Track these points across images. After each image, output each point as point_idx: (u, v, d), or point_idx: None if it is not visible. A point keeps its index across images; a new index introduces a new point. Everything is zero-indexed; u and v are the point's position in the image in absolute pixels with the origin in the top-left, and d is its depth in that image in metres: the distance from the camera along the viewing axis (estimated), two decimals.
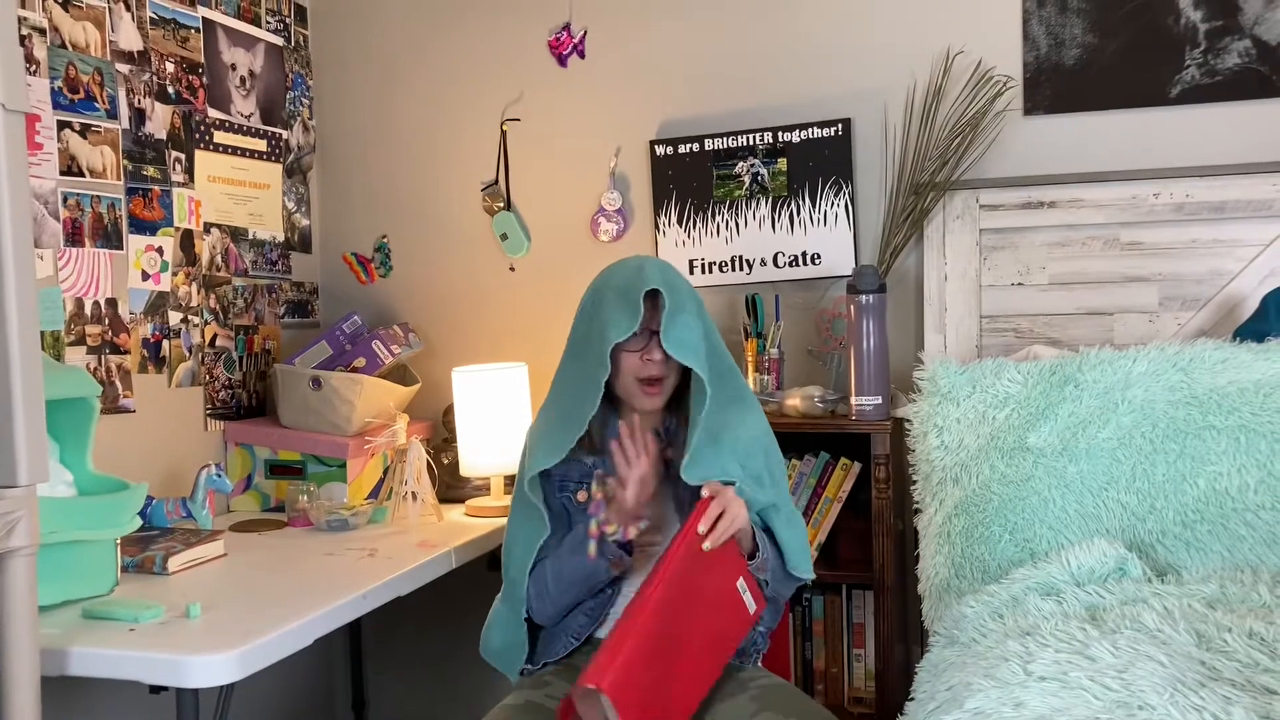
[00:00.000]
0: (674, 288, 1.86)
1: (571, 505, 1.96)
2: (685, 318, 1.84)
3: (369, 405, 2.63)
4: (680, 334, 1.82)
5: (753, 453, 1.91)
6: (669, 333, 1.81)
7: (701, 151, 2.76)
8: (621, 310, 1.84)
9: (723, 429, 1.86)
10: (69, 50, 2.29)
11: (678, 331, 1.82)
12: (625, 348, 1.87)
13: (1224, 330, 2.36)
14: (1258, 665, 1.49)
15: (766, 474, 1.92)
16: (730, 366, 1.94)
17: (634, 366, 1.89)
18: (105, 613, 1.79)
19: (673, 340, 1.81)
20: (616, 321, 1.83)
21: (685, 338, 1.82)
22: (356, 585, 1.98)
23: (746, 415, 1.94)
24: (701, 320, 1.89)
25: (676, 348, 1.81)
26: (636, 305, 1.82)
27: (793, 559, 1.92)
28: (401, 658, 3.10)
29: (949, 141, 2.55)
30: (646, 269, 1.87)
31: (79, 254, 2.32)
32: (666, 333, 1.81)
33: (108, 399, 2.37)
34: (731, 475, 1.83)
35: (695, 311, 1.88)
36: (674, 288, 1.86)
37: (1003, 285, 2.55)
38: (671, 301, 1.82)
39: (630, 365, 1.89)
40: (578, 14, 2.88)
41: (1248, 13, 2.43)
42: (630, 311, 1.82)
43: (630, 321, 1.82)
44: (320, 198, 3.13)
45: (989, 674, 1.53)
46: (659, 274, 1.86)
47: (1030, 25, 2.55)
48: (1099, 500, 2.05)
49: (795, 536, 1.94)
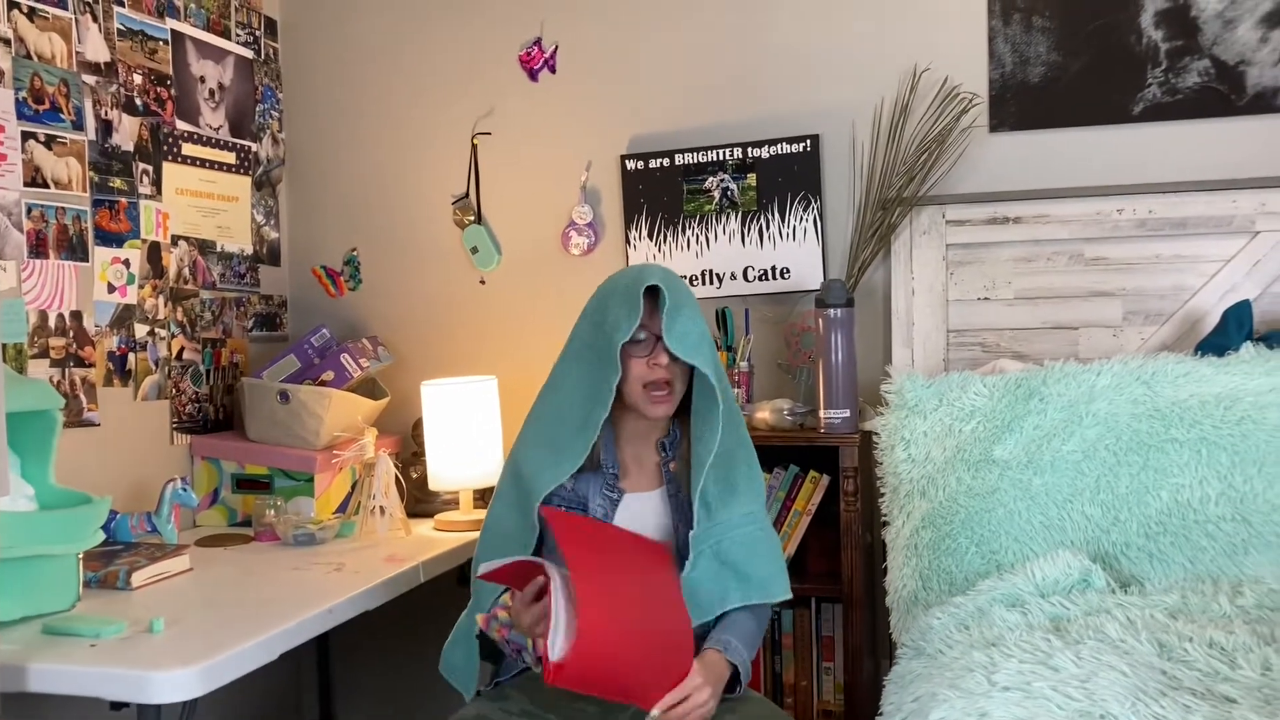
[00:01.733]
0: (674, 287, 1.84)
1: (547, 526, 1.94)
2: (688, 314, 1.82)
3: (337, 419, 2.61)
4: (683, 329, 1.80)
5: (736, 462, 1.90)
6: (671, 329, 1.79)
7: (672, 166, 2.78)
8: (623, 308, 1.82)
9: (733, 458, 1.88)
10: (34, 61, 2.27)
11: (680, 327, 1.80)
12: (632, 353, 1.84)
13: (1187, 344, 2.39)
14: (1218, 674, 1.51)
15: (745, 483, 1.92)
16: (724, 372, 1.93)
17: (641, 372, 1.84)
18: (66, 628, 1.77)
19: (675, 336, 1.79)
20: (618, 321, 1.82)
21: (688, 333, 1.80)
22: (323, 600, 1.96)
23: (741, 428, 1.95)
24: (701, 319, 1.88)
25: (679, 343, 1.79)
26: (637, 301, 1.81)
27: (768, 588, 1.90)
28: (370, 672, 3.08)
29: (916, 157, 2.58)
30: (648, 270, 1.87)
31: (43, 266, 2.30)
32: (669, 329, 1.79)
33: (72, 412, 2.34)
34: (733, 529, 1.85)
35: (698, 309, 1.87)
36: (674, 287, 1.84)
37: (969, 300, 2.58)
38: (672, 299, 1.80)
39: (637, 371, 1.85)
40: (549, 29, 2.89)
41: (1207, 33, 2.47)
42: (631, 308, 1.81)
43: (631, 318, 1.80)
44: (290, 210, 3.12)
45: (954, 685, 1.54)
46: (660, 273, 1.85)
47: (996, 43, 2.58)
48: (1064, 512, 2.07)
49: (766, 561, 1.92)
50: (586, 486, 1.90)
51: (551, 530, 1.70)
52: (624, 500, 1.91)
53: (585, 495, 1.90)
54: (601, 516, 1.89)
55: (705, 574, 1.85)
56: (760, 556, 1.91)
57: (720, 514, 1.87)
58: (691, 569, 1.83)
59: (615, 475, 1.91)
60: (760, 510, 1.95)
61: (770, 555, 1.93)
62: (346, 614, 2.00)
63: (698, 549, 1.84)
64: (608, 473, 1.91)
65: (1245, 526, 1.98)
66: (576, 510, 1.89)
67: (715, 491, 1.87)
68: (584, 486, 1.90)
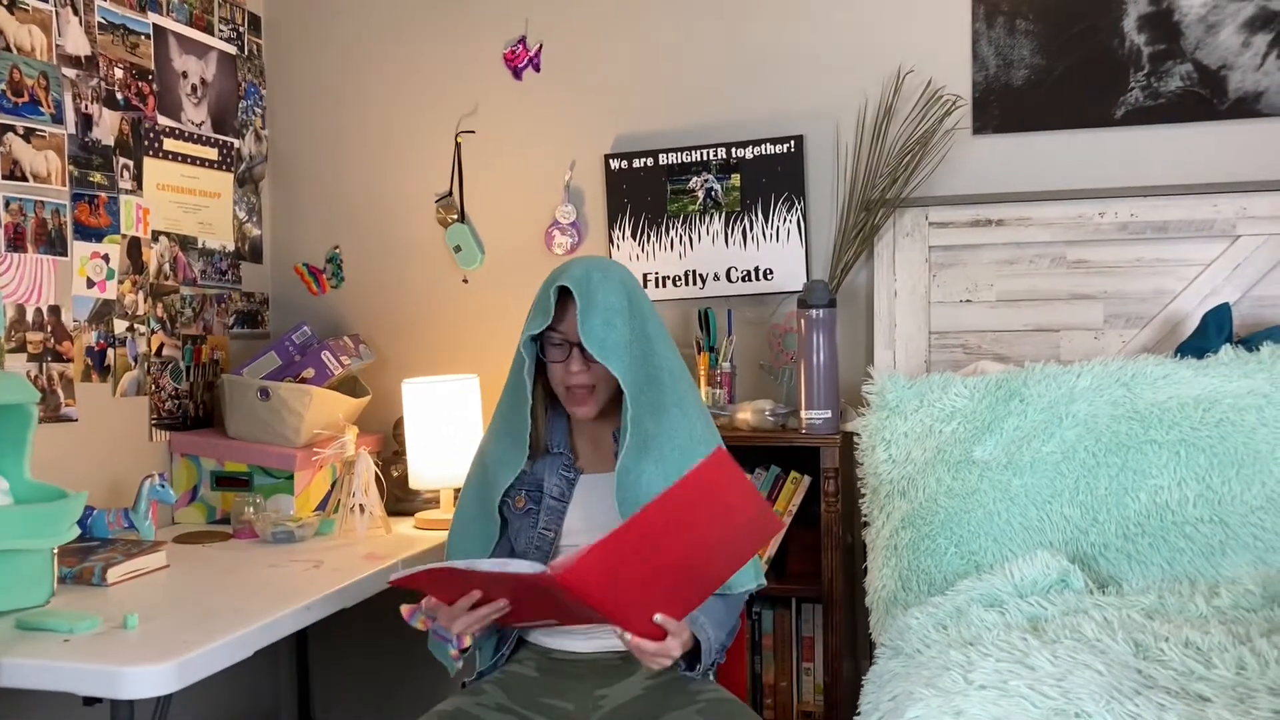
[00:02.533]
0: (590, 285, 1.81)
1: (509, 510, 1.95)
2: (603, 317, 1.80)
3: (318, 417, 2.60)
4: (599, 333, 1.79)
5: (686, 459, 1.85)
6: (585, 330, 1.79)
7: (656, 166, 2.78)
8: (538, 307, 1.86)
9: (649, 439, 1.83)
10: (13, 53, 2.26)
11: (595, 330, 1.79)
12: (550, 358, 1.88)
13: (1167, 347, 2.40)
14: (1192, 674, 1.51)
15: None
16: (664, 370, 1.88)
17: (560, 375, 1.89)
18: (39, 623, 1.76)
19: (591, 338, 1.79)
20: (534, 317, 1.86)
21: (605, 337, 1.79)
22: (300, 597, 1.95)
23: (680, 421, 1.88)
24: (632, 321, 1.84)
25: (595, 345, 1.79)
26: (548, 302, 1.83)
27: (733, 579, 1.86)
28: (349, 670, 3.06)
29: (899, 159, 2.58)
30: (571, 268, 1.85)
31: (21, 260, 2.28)
32: (584, 330, 1.79)
33: (49, 407, 2.33)
34: (655, 490, 1.77)
35: (620, 309, 1.83)
36: (590, 285, 1.81)
37: (951, 302, 2.58)
38: (583, 301, 1.80)
39: (557, 374, 1.89)
40: (533, 27, 2.89)
41: (1189, 38, 2.48)
42: (543, 309, 1.83)
43: (541, 319, 1.83)
44: (272, 207, 3.11)
45: (931, 683, 1.54)
46: (581, 271, 1.83)
47: (979, 46, 2.59)
48: (1043, 513, 2.07)
49: None
50: (544, 468, 1.94)
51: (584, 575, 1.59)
52: (580, 480, 1.94)
53: (541, 476, 1.93)
54: (558, 495, 1.92)
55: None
56: None
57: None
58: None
59: (570, 459, 1.95)
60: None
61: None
62: (324, 611, 1.99)
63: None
64: (564, 456, 1.94)
65: (1223, 528, 1.98)
66: (533, 492, 1.92)
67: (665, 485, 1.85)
68: (541, 468, 1.94)
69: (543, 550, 1.89)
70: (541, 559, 1.85)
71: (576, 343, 1.84)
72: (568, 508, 1.92)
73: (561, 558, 1.54)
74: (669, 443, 1.85)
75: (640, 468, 1.82)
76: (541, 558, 1.86)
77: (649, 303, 1.94)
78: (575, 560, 1.48)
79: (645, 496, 1.75)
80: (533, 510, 1.93)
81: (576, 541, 1.87)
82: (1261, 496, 1.99)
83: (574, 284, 1.82)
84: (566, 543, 1.90)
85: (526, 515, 1.93)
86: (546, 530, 1.91)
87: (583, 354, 1.84)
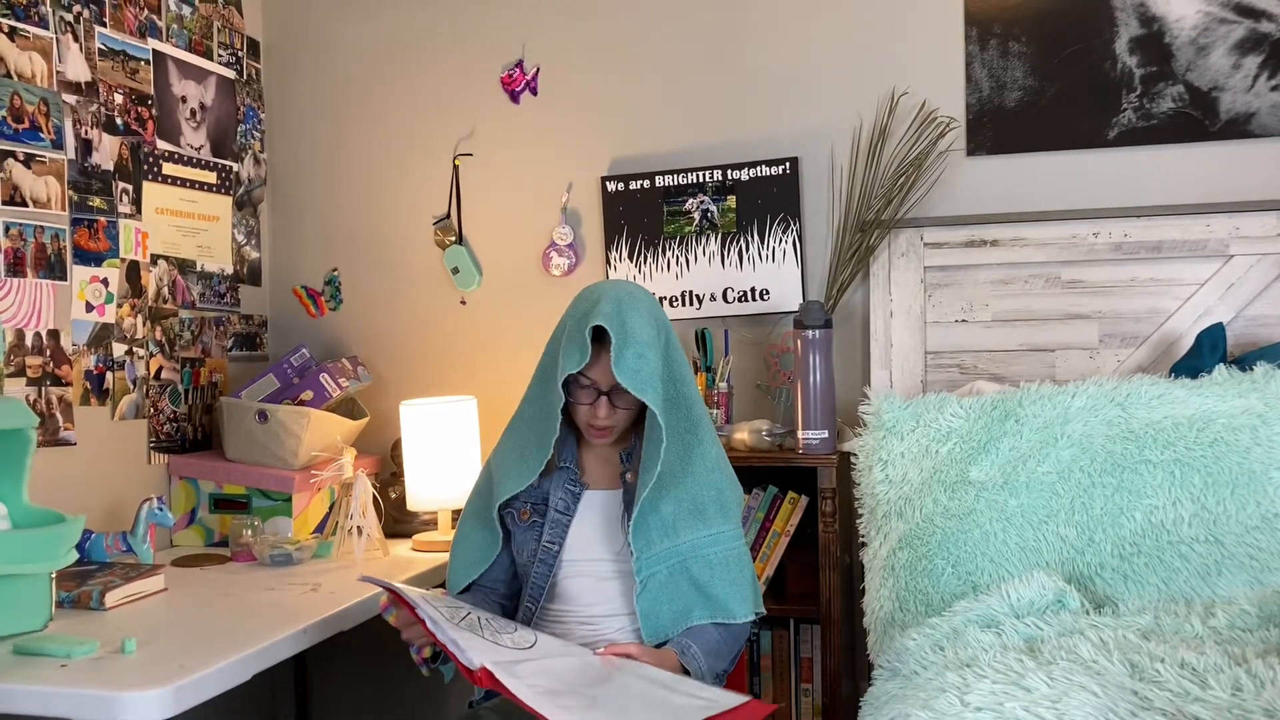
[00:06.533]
0: (624, 321, 1.83)
1: (513, 522, 1.98)
2: (636, 350, 1.82)
3: (316, 439, 2.61)
4: (632, 365, 1.81)
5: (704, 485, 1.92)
6: (619, 367, 1.80)
7: (652, 188, 2.79)
8: (573, 344, 1.86)
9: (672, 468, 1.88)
10: (14, 80, 2.27)
11: (630, 363, 1.81)
12: (579, 398, 1.90)
13: (1162, 366, 2.41)
14: (1188, 695, 1.51)
15: (715, 505, 1.93)
16: (686, 396, 1.93)
17: (585, 414, 1.92)
18: (37, 648, 1.76)
19: (626, 372, 1.80)
20: (569, 355, 1.86)
21: (638, 369, 1.82)
22: (298, 620, 1.95)
23: (695, 449, 1.92)
24: (662, 349, 1.88)
25: (629, 379, 1.80)
26: (585, 343, 1.83)
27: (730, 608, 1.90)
28: (347, 690, 3.05)
29: (894, 180, 2.59)
30: (602, 303, 1.86)
31: (20, 284, 2.29)
32: (619, 364, 1.80)
33: (48, 431, 2.33)
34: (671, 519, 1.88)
35: (651, 340, 1.85)
36: (624, 321, 1.83)
37: (947, 322, 2.59)
38: (618, 338, 1.82)
39: (581, 413, 1.92)
40: (530, 51, 2.91)
41: (1180, 59, 2.50)
42: (579, 348, 1.84)
43: (579, 357, 1.83)
44: (271, 230, 3.12)
45: (927, 705, 1.54)
46: (613, 307, 1.85)
47: (973, 68, 2.61)
48: (1039, 533, 2.07)
49: (729, 581, 1.92)
50: (550, 482, 1.97)
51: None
52: (585, 495, 1.97)
53: (547, 490, 1.96)
54: (563, 510, 1.95)
55: (665, 593, 1.88)
56: (725, 576, 1.92)
57: (685, 534, 1.89)
58: (642, 590, 1.86)
59: (576, 474, 1.98)
60: (732, 530, 1.96)
61: (736, 575, 1.94)
62: (321, 634, 1.99)
63: (650, 570, 1.87)
64: (570, 471, 1.97)
65: (1218, 548, 1.99)
66: (538, 505, 1.96)
67: (676, 512, 1.89)
68: (548, 482, 1.97)
69: (546, 563, 1.93)
70: (546, 571, 1.93)
71: (606, 391, 1.88)
72: (572, 521, 1.95)
73: (501, 666, 1.63)
74: (688, 470, 1.91)
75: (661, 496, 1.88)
76: (545, 570, 1.93)
77: (669, 323, 1.96)
78: (502, 684, 1.60)
79: (662, 524, 1.86)
80: (537, 523, 1.96)
81: (579, 555, 1.93)
82: (1256, 516, 1.99)
83: (608, 323, 1.82)
84: (569, 556, 1.94)
85: (531, 528, 1.96)
86: (551, 543, 1.94)
87: (609, 400, 1.88)
